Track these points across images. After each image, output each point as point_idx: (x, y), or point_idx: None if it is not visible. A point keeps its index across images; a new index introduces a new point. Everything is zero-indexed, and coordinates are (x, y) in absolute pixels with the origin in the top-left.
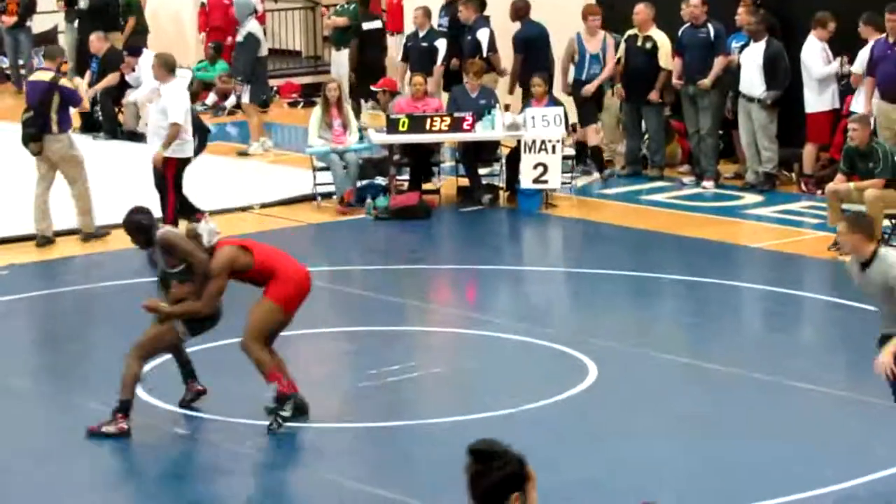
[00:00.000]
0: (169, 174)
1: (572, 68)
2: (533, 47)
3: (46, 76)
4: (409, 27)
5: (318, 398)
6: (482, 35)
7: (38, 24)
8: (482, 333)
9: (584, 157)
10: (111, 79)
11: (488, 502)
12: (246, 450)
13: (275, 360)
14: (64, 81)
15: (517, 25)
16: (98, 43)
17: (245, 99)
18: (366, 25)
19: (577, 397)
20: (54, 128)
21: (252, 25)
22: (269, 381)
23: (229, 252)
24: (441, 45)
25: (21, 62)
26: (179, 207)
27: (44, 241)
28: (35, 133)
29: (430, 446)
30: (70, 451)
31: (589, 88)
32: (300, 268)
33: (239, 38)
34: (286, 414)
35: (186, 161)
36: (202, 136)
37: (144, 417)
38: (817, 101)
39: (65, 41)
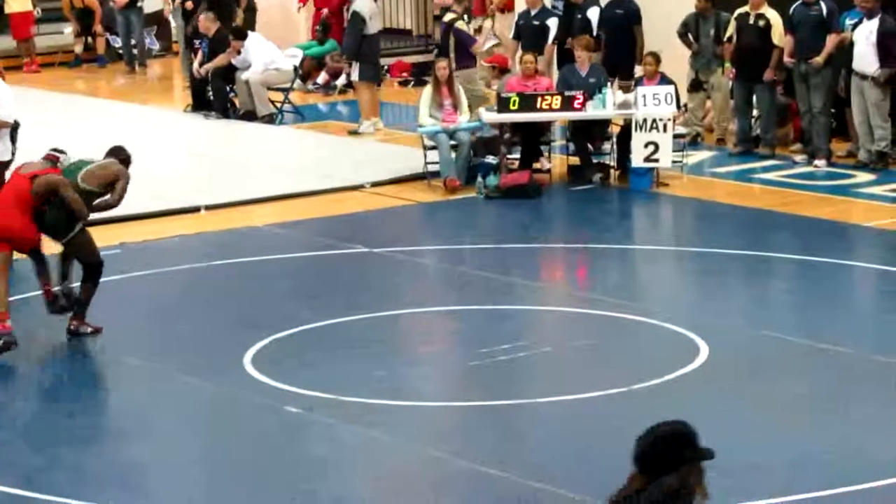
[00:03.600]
0: None
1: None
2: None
3: (447, 18)
4: (520, 5)
5: (428, 377)
6: (592, 14)
7: (148, 4)
8: (593, 312)
9: None
10: (222, 59)
11: None
12: (356, 427)
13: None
14: (460, 24)
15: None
16: (207, 23)
17: (354, 77)
18: None
19: (689, 376)
20: (453, 64)
21: (357, 4)
22: None
23: None
24: (552, 23)
25: (133, 42)
26: None
27: None
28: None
29: (540, 425)
30: (173, 429)
31: None
32: None
33: (348, 15)
34: None
35: (3, 164)
36: (13, 133)
37: (256, 396)
38: None
39: (175, 22)
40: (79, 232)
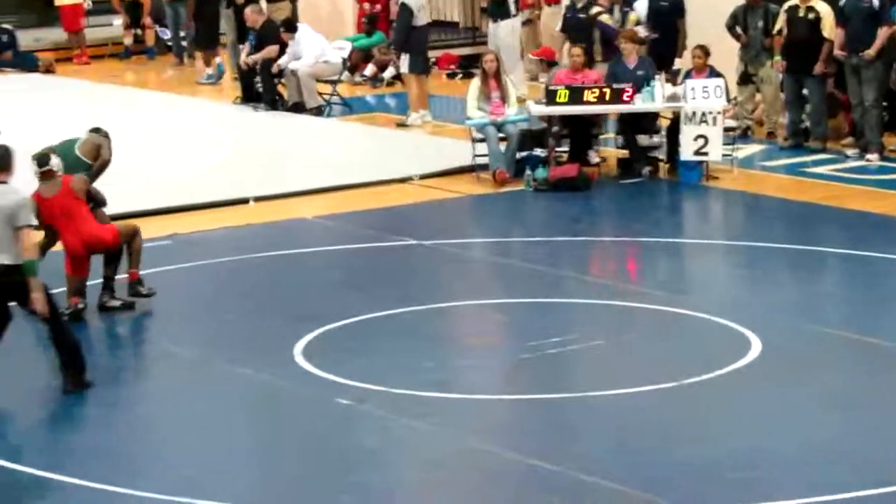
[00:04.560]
0: None
1: None
2: None
3: (593, 11)
4: None
5: (478, 370)
6: (640, 6)
7: None
8: (643, 306)
9: None
10: (269, 51)
11: None
12: (405, 420)
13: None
14: (605, 17)
15: None
16: (254, 16)
17: (404, 69)
18: None
19: (740, 371)
20: (598, 56)
21: None
22: None
23: None
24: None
25: (182, 34)
26: None
27: None
28: (587, 61)
29: (590, 418)
30: (223, 420)
31: None
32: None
33: (397, 7)
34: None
35: None
36: None
37: (306, 387)
38: None
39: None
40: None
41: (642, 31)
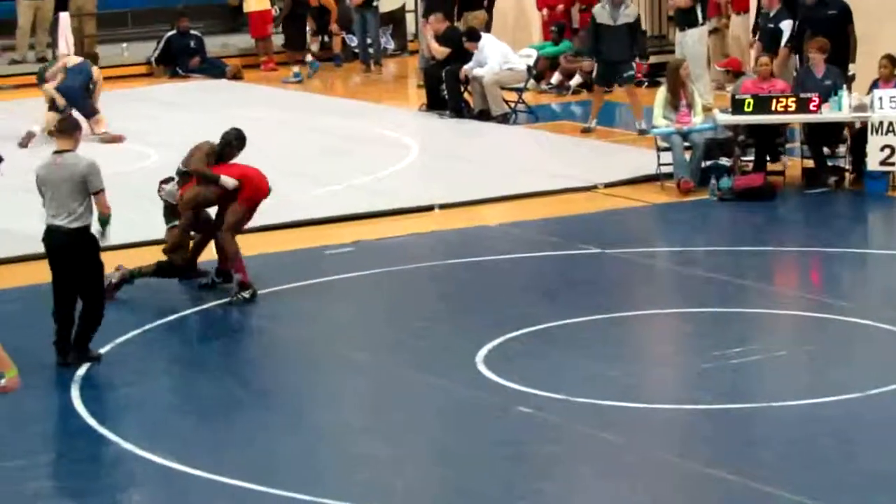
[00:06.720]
0: None
1: None
2: None
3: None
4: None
5: (660, 378)
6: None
7: (384, 3)
8: (827, 317)
9: None
10: (440, 51)
11: None
12: (586, 429)
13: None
14: None
15: None
16: (437, 24)
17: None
18: None
19: None
20: None
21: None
22: (235, 272)
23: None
24: (786, 26)
25: (369, 41)
26: None
27: None
28: None
29: (774, 429)
30: (404, 425)
31: None
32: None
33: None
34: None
35: None
36: None
37: (487, 394)
38: None
39: (412, 20)
40: None
41: None
